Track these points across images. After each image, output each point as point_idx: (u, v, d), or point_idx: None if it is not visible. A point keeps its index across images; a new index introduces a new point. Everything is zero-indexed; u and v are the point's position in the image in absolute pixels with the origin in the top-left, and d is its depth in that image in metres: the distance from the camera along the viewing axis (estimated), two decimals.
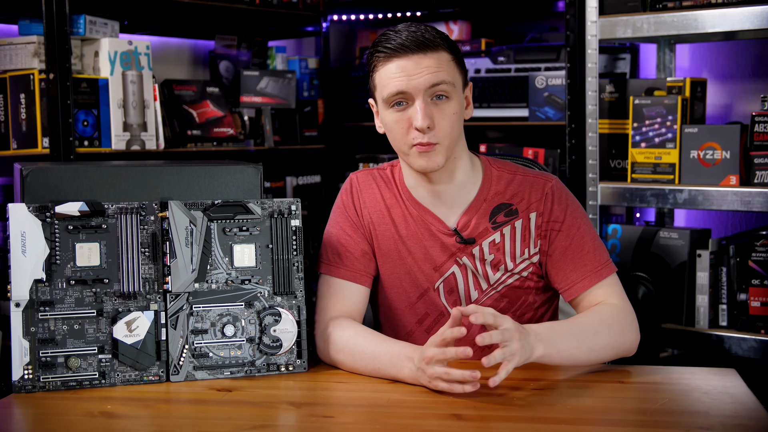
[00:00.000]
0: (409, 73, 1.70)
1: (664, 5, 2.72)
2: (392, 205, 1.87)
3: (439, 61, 1.71)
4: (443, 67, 1.71)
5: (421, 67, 1.70)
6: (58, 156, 2.64)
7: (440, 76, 1.70)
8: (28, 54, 2.67)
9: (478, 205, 1.82)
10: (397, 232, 1.85)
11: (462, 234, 1.81)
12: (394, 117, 1.74)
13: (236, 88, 3.43)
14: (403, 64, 1.71)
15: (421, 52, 1.70)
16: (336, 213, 1.90)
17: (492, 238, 1.81)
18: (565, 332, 1.67)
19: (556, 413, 1.48)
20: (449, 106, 1.73)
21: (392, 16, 3.78)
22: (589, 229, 1.82)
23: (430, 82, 1.70)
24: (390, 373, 1.65)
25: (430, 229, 1.83)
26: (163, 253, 1.67)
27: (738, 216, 3.15)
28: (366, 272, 1.85)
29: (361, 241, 1.86)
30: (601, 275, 1.78)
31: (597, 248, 1.80)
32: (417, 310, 1.85)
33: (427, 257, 1.83)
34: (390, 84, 1.72)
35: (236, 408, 1.53)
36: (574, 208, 1.82)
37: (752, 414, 1.47)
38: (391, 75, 1.71)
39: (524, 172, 1.86)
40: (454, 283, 1.83)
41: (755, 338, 2.64)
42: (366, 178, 1.91)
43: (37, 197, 1.68)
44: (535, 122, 3.18)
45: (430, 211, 1.83)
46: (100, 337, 1.65)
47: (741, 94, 3.10)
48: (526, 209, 1.82)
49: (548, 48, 3.22)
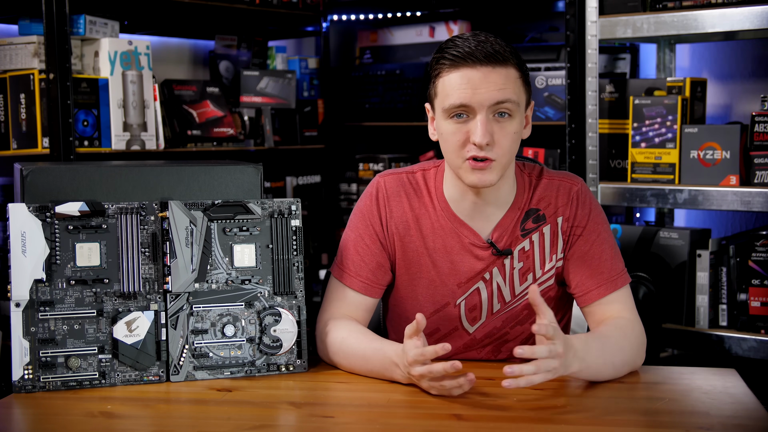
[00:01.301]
0: (474, 86, 1.63)
1: (664, 5, 2.72)
2: (422, 215, 1.80)
3: (507, 77, 1.64)
4: (510, 85, 1.65)
5: (489, 81, 1.63)
6: (58, 156, 2.64)
7: (506, 94, 1.64)
8: (28, 54, 2.66)
9: (512, 215, 1.77)
10: (424, 245, 1.79)
11: (497, 245, 1.77)
12: (451, 128, 1.67)
13: (236, 88, 3.43)
14: (469, 75, 1.63)
15: (490, 65, 1.63)
16: (357, 217, 1.83)
17: (522, 245, 1.77)
18: (596, 348, 1.62)
19: (556, 413, 1.48)
20: (511, 125, 1.66)
21: (392, 16, 3.78)
22: (609, 236, 1.79)
23: (496, 99, 1.63)
24: (383, 375, 1.66)
25: (463, 242, 1.77)
26: (163, 253, 1.67)
27: (738, 216, 3.15)
28: (377, 284, 1.81)
29: (378, 252, 1.80)
30: (617, 285, 1.75)
31: (614, 256, 1.77)
32: (428, 325, 1.80)
33: (453, 271, 1.78)
34: (453, 95, 1.65)
35: (236, 408, 1.53)
36: (596, 213, 1.79)
37: (752, 414, 1.47)
38: (455, 85, 1.64)
39: (548, 174, 1.81)
40: (477, 299, 1.79)
41: (755, 338, 2.64)
42: (394, 183, 1.82)
43: (37, 197, 1.68)
44: (535, 122, 3.15)
45: (465, 224, 1.78)
46: (100, 337, 1.65)
47: (741, 94, 3.10)
48: (554, 214, 1.78)
49: (548, 48, 3.22)
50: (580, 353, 1.56)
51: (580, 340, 1.59)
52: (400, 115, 3.52)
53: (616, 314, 1.74)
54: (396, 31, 3.72)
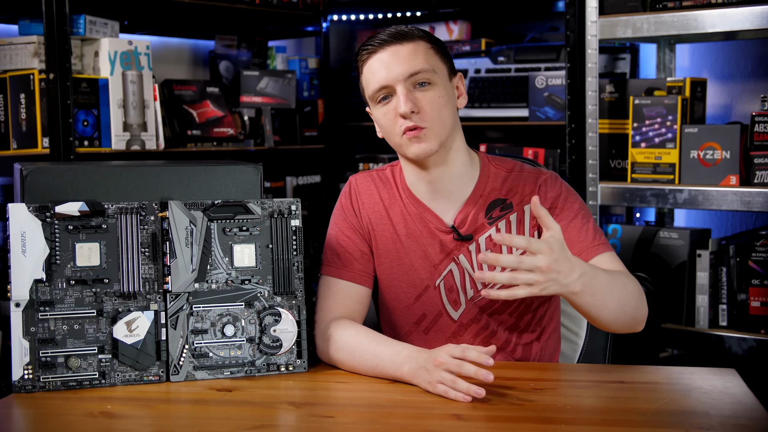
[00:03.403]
0: (387, 65, 1.73)
1: (664, 5, 2.72)
2: (391, 205, 1.87)
3: (416, 49, 1.74)
4: (420, 56, 1.74)
5: (399, 57, 1.73)
6: (58, 156, 2.64)
7: (417, 64, 1.73)
8: (28, 54, 2.67)
9: (474, 201, 1.82)
10: (396, 232, 1.85)
11: (459, 231, 1.81)
12: (381, 111, 1.77)
13: (236, 88, 3.43)
14: (381, 57, 1.74)
15: (398, 42, 1.74)
16: (335, 215, 1.91)
17: (488, 233, 1.81)
18: (604, 276, 1.63)
19: (556, 413, 1.48)
20: (433, 91, 1.74)
21: (392, 16, 3.78)
22: (585, 213, 1.80)
23: (408, 71, 1.72)
24: (389, 371, 1.65)
25: (429, 227, 1.83)
26: (163, 253, 1.67)
27: (738, 216, 3.15)
28: (365, 273, 1.85)
29: (359, 242, 1.86)
30: (598, 250, 1.75)
31: (592, 229, 1.78)
32: (414, 312, 1.85)
33: (425, 256, 1.83)
34: (372, 80, 1.75)
35: (236, 408, 1.53)
36: (568, 195, 1.81)
37: (752, 414, 1.47)
38: (373, 71, 1.75)
39: (521, 168, 1.86)
40: (452, 281, 1.83)
41: (755, 338, 2.64)
42: (364, 179, 1.92)
43: (37, 197, 1.68)
44: (535, 122, 3.18)
45: (428, 208, 1.83)
46: (100, 337, 1.65)
47: (741, 94, 3.10)
48: (520, 202, 1.82)
49: (548, 48, 3.22)
50: (586, 276, 1.57)
51: (588, 264, 1.61)
52: None
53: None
54: None
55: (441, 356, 1.55)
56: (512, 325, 1.83)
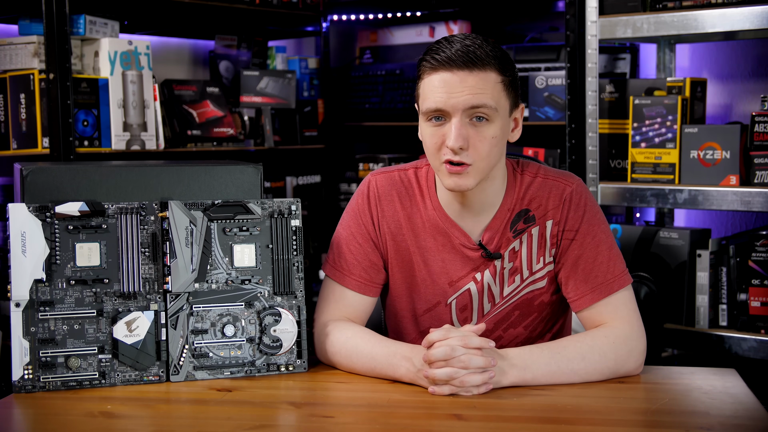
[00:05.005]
0: (450, 90, 1.63)
1: (664, 5, 2.72)
2: (413, 214, 1.80)
3: (484, 82, 1.63)
4: (488, 90, 1.63)
5: (465, 85, 1.62)
6: (58, 156, 2.64)
7: (481, 99, 1.63)
8: (28, 54, 2.66)
9: (502, 216, 1.76)
10: (416, 244, 1.79)
11: (488, 248, 1.76)
12: (430, 131, 1.67)
13: (236, 88, 3.43)
14: (445, 78, 1.63)
15: (467, 69, 1.63)
16: (349, 215, 1.83)
17: (513, 246, 1.76)
18: (544, 356, 1.61)
19: (556, 413, 1.48)
20: (488, 129, 1.65)
21: (392, 16, 3.78)
22: (606, 238, 1.74)
23: (470, 103, 1.63)
24: (386, 372, 1.65)
25: (453, 242, 1.77)
26: (163, 253, 1.67)
27: (738, 216, 3.15)
28: (372, 282, 1.80)
29: (371, 251, 1.80)
30: (612, 289, 1.71)
31: (611, 259, 1.73)
32: (421, 324, 1.82)
33: (443, 271, 1.78)
34: (430, 98, 1.65)
35: (236, 408, 1.53)
36: (591, 215, 1.75)
37: (752, 414, 1.47)
38: (433, 88, 1.65)
39: (544, 173, 1.78)
40: (468, 299, 1.78)
41: (755, 338, 2.64)
42: (385, 183, 1.82)
43: (37, 197, 1.68)
44: (535, 122, 3.18)
45: (456, 224, 1.77)
46: (100, 337, 1.65)
47: (741, 94, 3.10)
48: (543, 216, 1.76)
49: (548, 48, 3.22)
50: (518, 362, 1.60)
51: (520, 350, 1.63)
52: (399, 115, 3.52)
53: (608, 320, 1.70)
54: (396, 31, 3.72)
55: (438, 331, 1.59)
56: (523, 339, 1.81)
